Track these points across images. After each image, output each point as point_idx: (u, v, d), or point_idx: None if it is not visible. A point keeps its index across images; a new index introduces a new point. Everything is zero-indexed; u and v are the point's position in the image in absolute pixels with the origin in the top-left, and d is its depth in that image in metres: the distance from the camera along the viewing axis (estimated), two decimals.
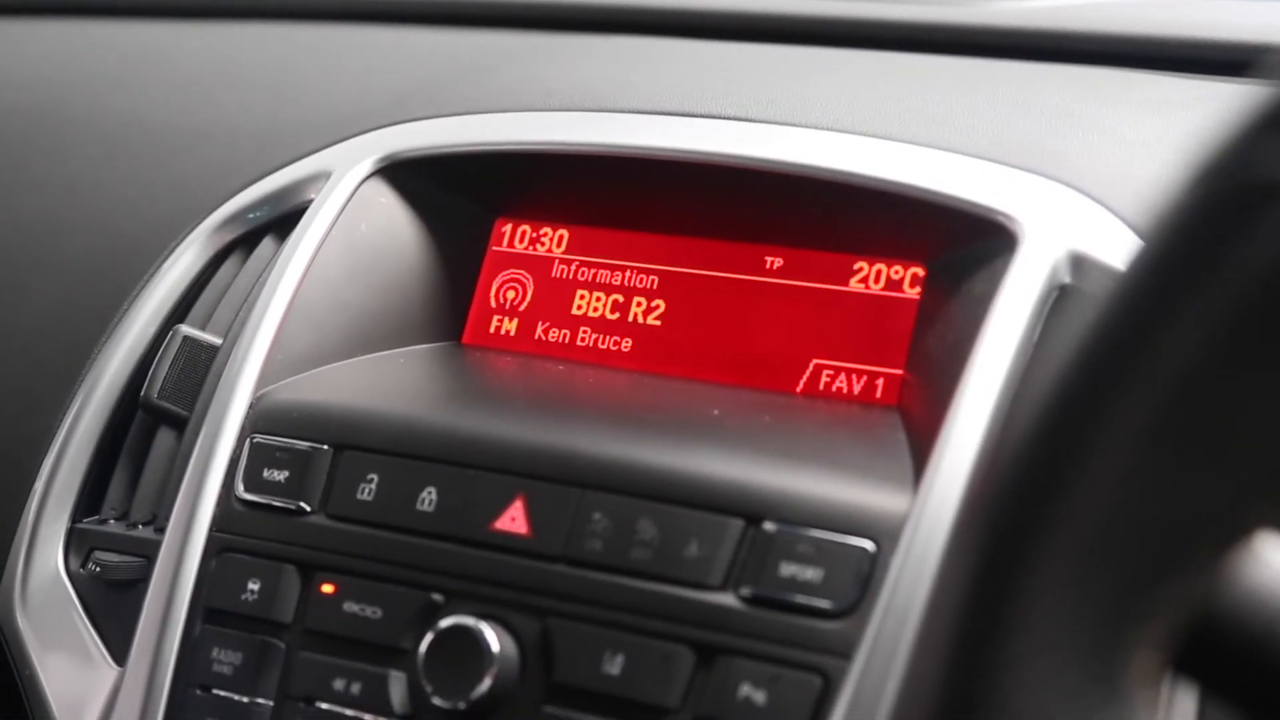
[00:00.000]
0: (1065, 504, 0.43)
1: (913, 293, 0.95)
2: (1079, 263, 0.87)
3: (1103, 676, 0.43)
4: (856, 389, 0.95)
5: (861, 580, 0.80)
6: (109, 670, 0.96)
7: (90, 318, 1.09)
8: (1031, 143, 0.94)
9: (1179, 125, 0.97)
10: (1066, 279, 0.86)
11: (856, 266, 0.97)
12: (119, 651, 0.97)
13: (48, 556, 1.02)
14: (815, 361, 0.96)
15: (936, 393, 0.86)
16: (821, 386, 0.96)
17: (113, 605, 0.99)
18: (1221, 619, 0.46)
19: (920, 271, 0.95)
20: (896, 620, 0.78)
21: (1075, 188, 0.91)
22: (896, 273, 0.96)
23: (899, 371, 0.94)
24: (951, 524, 0.45)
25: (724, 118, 1.00)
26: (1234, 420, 0.42)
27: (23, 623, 1.00)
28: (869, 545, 0.80)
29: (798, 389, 0.96)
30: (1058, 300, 0.86)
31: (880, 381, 0.95)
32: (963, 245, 0.91)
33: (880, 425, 0.91)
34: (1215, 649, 0.47)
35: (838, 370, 0.96)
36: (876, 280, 0.96)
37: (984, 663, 0.43)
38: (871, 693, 0.77)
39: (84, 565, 1.01)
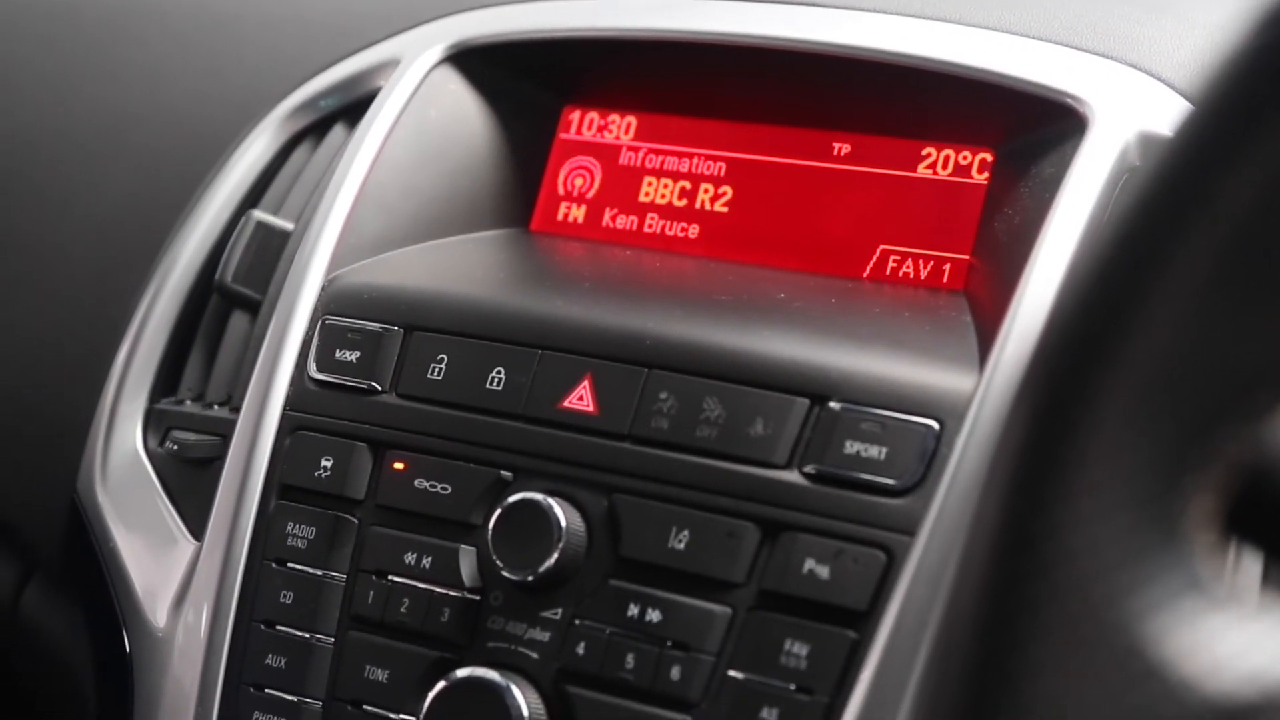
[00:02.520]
0: (1124, 345, 0.43)
1: (981, 178, 0.95)
2: (1149, 145, 0.86)
3: (1159, 519, 0.43)
4: (923, 274, 0.95)
5: (925, 458, 0.80)
6: (187, 544, 0.99)
7: (165, 204, 1.11)
8: (1101, 26, 0.93)
9: (1251, 8, 0.95)
10: (1137, 161, 0.86)
11: (924, 152, 0.97)
12: (196, 527, 0.99)
13: (126, 436, 1.04)
14: (882, 247, 0.96)
15: (1004, 276, 0.86)
16: (888, 272, 0.96)
17: (190, 482, 1.01)
18: (1276, 475, 0.47)
19: (989, 156, 0.95)
20: (960, 498, 0.79)
21: (1145, 70, 0.90)
22: (965, 158, 0.96)
23: (966, 257, 0.94)
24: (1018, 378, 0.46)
25: (793, 3, 0.99)
26: None
27: (103, 499, 1.03)
28: (933, 424, 0.80)
29: (864, 274, 0.96)
30: (1127, 182, 0.85)
31: (947, 267, 0.95)
32: (1032, 129, 0.91)
33: (946, 308, 0.91)
34: (1270, 505, 0.47)
35: (904, 256, 0.96)
36: (944, 166, 0.96)
37: (1041, 499, 0.43)
38: (935, 568, 0.78)
39: (162, 444, 1.03)
